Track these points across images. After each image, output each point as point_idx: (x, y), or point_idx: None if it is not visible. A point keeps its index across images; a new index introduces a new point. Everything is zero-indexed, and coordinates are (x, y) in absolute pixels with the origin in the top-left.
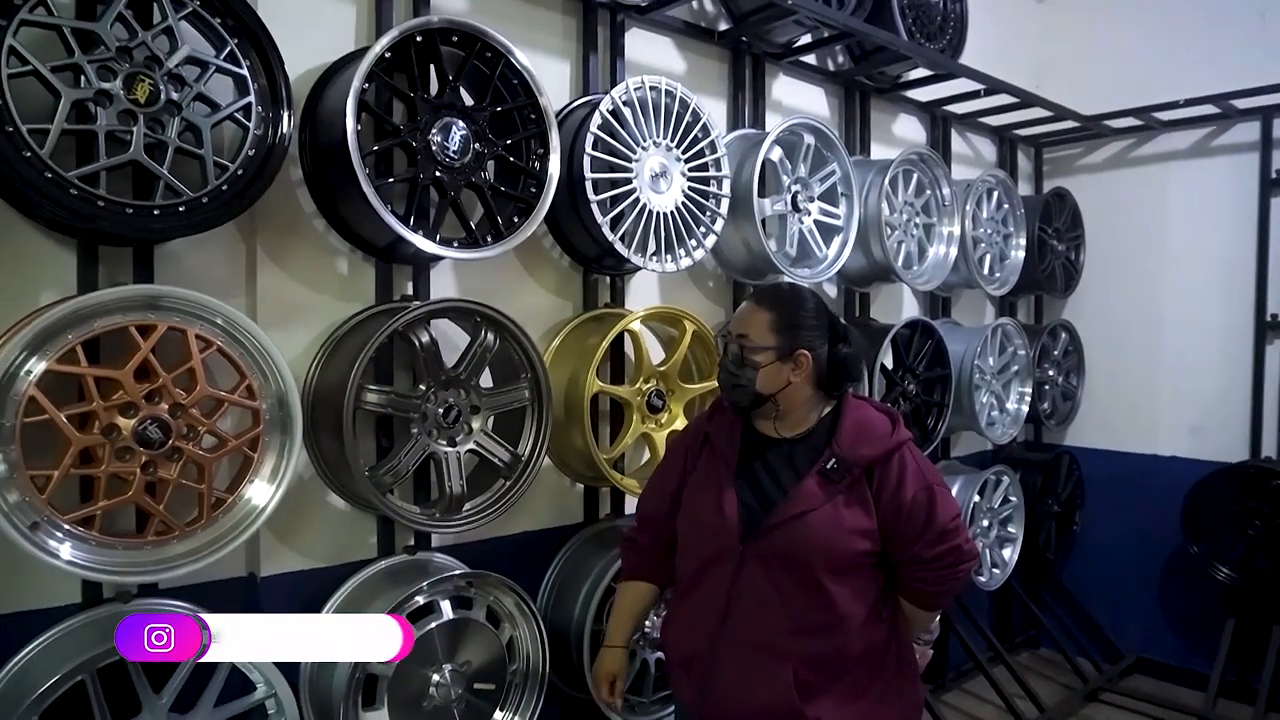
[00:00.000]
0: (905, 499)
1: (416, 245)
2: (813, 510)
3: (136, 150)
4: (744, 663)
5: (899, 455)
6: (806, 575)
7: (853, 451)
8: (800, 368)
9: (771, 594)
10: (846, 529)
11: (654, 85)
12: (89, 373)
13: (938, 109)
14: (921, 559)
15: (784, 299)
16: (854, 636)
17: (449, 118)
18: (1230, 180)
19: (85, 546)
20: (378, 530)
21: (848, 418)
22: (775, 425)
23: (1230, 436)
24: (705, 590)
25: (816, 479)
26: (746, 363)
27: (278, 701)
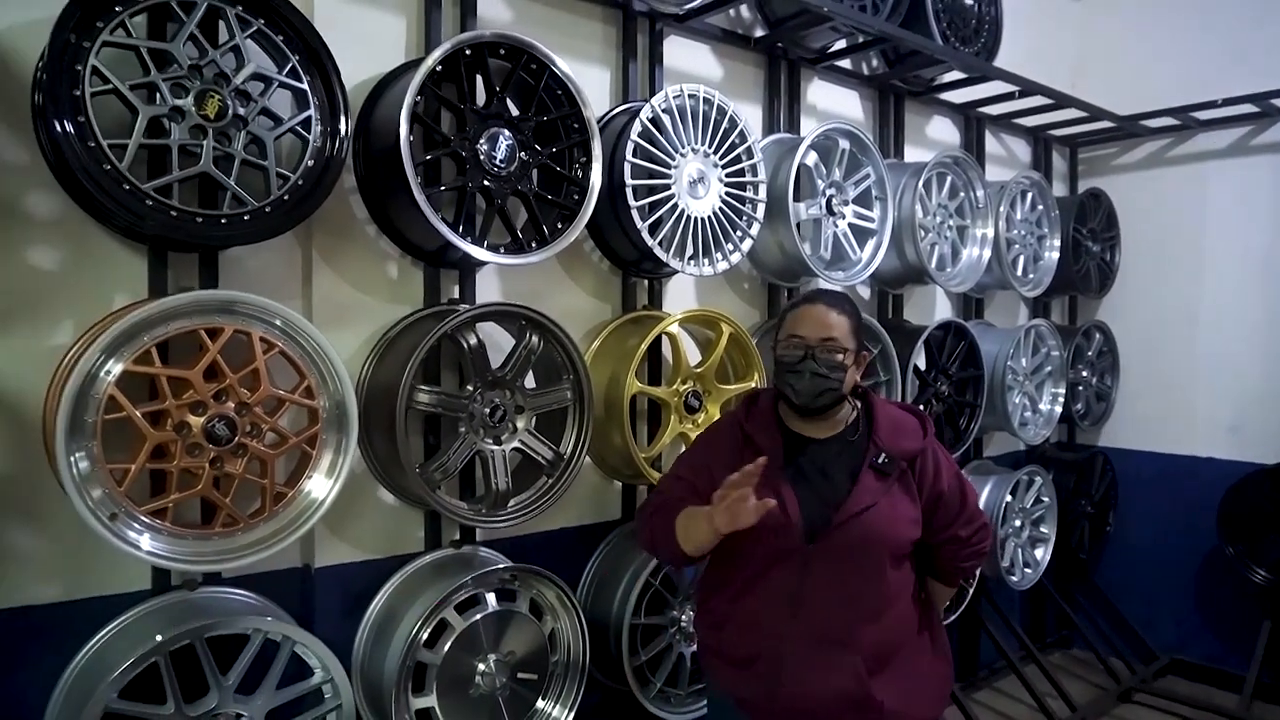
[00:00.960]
0: (944, 487)
1: (466, 251)
2: (874, 505)
3: (206, 163)
4: (816, 656)
5: (932, 448)
6: (872, 567)
7: (895, 446)
8: (860, 368)
9: (839, 588)
10: (903, 518)
11: (693, 93)
12: (163, 373)
13: (972, 110)
14: (959, 538)
15: (850, 304)
16: (903, 618)
17: (496, 128)
18: (1269, 180)
19: (160, 537)
20: (425, 525)
21: (881, 415)
22: (817, 425)
23: (1269, 437)
24: (766, 590)
25: (872, 474)
26: (837, 365)
27: (334, 686)
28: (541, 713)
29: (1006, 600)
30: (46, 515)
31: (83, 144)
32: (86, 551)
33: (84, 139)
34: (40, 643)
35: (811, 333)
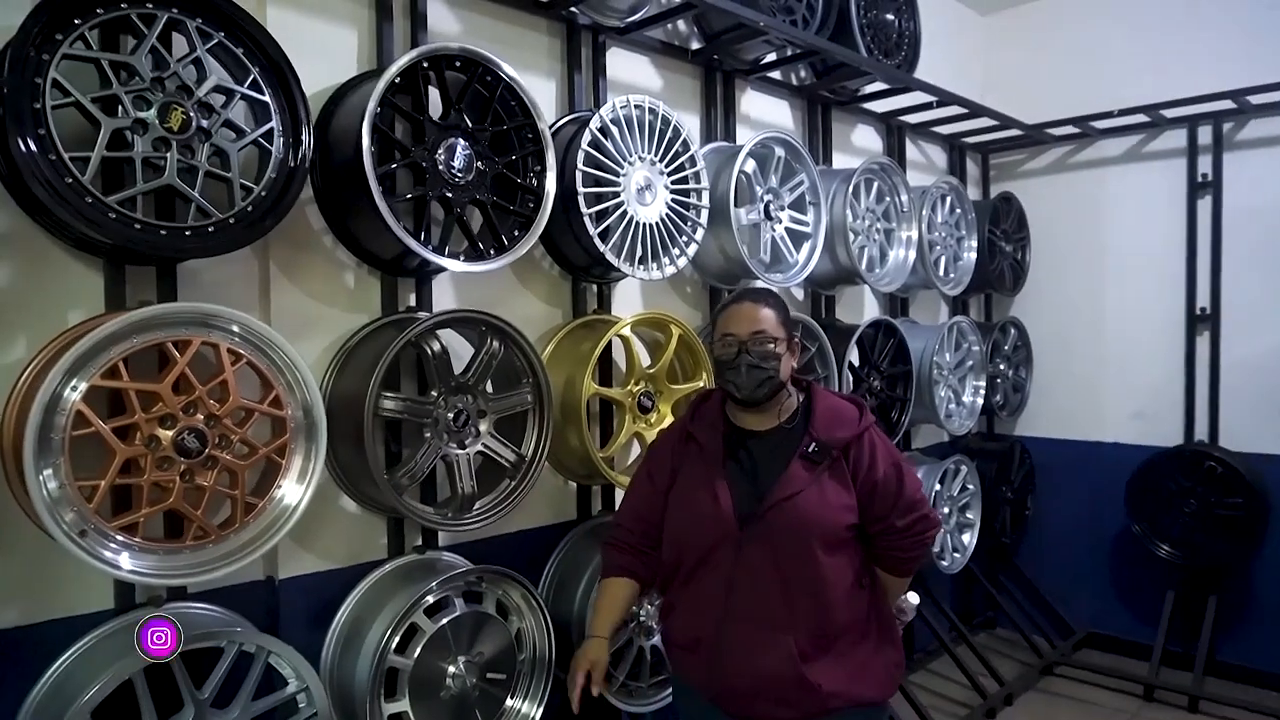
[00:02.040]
0: (878, 475)
1: (428, 259)
2: (802, 491)
3: (170, 175)
4: (749, 638)
5: (868, 436)
6: (802, 552)
7: (829, 435)
8: (793, 355)
9: (770, 573)
10: (833, 505)
11: (638, 104)
12: (132, 386)
13: (893, 119)
14: (895, 528)
15: (774, 297)
16: (842, 605)
17: (454, 138)
18: (1161, 184)
19: (132, 553)
20: (388, 531)
21: (819, 405)
22: (759, 418)
23: (1167, 422)
24: (707, 576)
25: (801, 462)
26: (770, 355)
27: (309, 695)
28: (512, 710)
29: (938, 585)
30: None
31: (44, 157)
32: (44, 572)
33: (45, 152)
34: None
35: (741, 329)
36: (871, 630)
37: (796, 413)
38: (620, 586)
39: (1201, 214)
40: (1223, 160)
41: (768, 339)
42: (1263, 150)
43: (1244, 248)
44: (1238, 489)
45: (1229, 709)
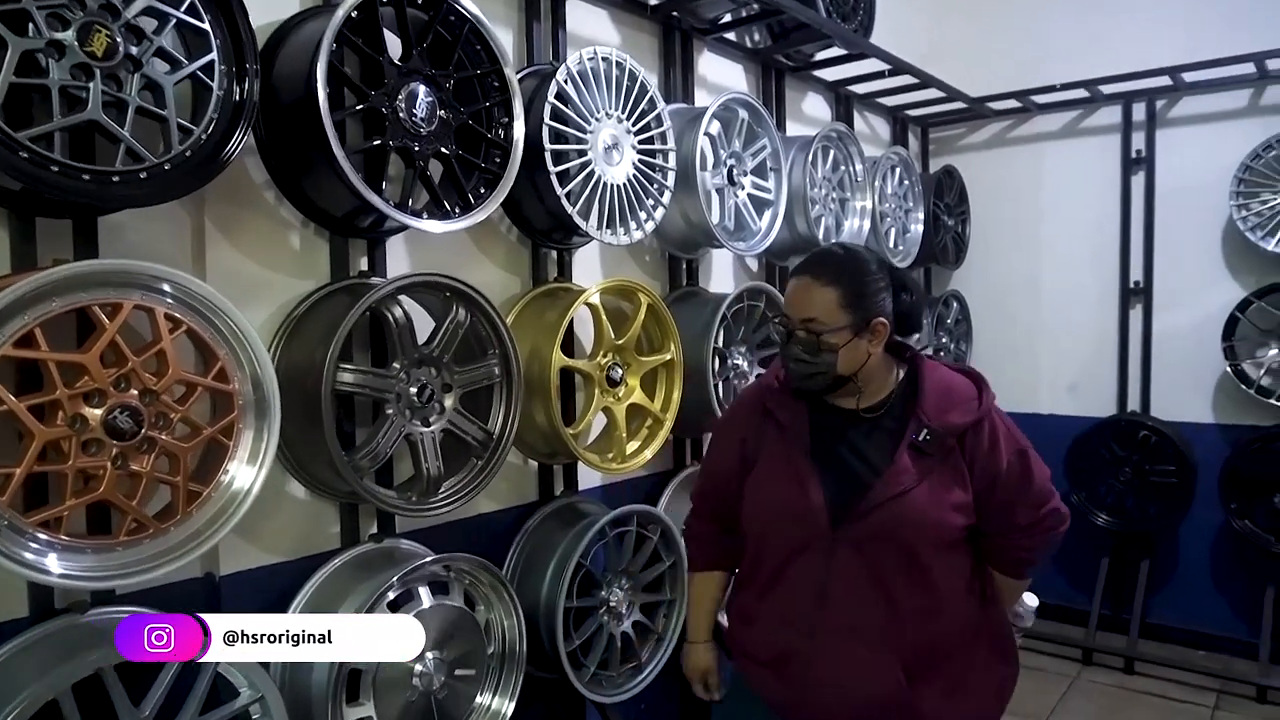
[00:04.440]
0: (1000, 467)
1: (391, 217)
2: (911, 488)
3: (94, 109)
4: (847, 655)
5: (989, 420)
6: (907, 558)
7: (942, 420)
8: (878, 337)
9: (870, 581)
10: (946, 504)
11: (605, 56)
12: (51, 357)
13: (842, 89)
14: (1019, 526)
15: (845, 268)
16: (955, 616)
17: (415, 83)
18: (1097, 160)
19: (60, 553)
20: (341, 519)
21: (928, 382)
22: (856, 401)
23: (1101, 393)
24: (792, 583)
25: (910, 453)
26: (823, 348)
27: (264, 705)
28: (482, 707)
29: None
30: None
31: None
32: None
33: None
34: None
35: (793, 311)
36: (983, 643)
37: (896, 391)
38: (709, 583)
39: (1135, 190)
40: (1156, 137)
41: (821, 328)
42: (1193, 127)
43: (1175, 223)
44: (1170, 457)
45: (1163, 668)
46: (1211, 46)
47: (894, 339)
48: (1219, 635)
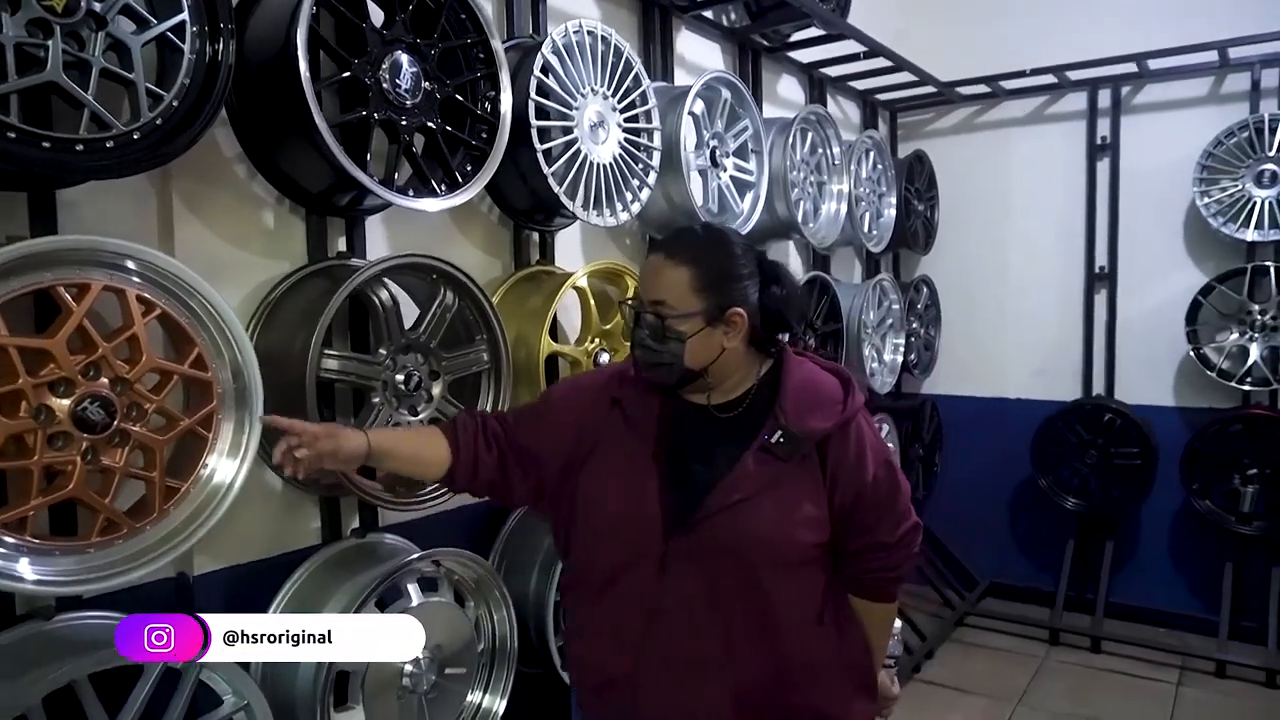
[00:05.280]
0: (867, 479)
1: (376, 194)
2: (752, 496)
3: (55, 69)
4: (675, 685)
5: (856, 426)
6: (744, 576)
7: (801, 423)
8: (735, 329)
9: (705, 601)
10: (794, 518)
11: (590, 29)
12: (12, 343)
13: (815, 71)
14: (885, 544)
15: (702, 247)
16: (802, 645)
17: (398, 52)
18: (1062, 146)
19: (33, 557)
20: (322, 514)
21: (791, 380)
22: (706, 398)
23: (1066, 378)
24: (622, 597)
25: (756, 457)
26: (669, 335)
27: (249, 712)
28: (473, 706)
29: None
30: None
31: None
32: None
33: None
34: None
35: (643, 292)
36: (837, 675)
37: (757, 387)
38: (432, 438)
39: (1101, 176)
40: (1120, 123)
41: (673, 315)
42: (1157, 114)
43: (1139, 209)
44: (1133, 439)
45: (1129, 646)
46: (1175, 34)
47: (760, 335)
48: (1179, 613)
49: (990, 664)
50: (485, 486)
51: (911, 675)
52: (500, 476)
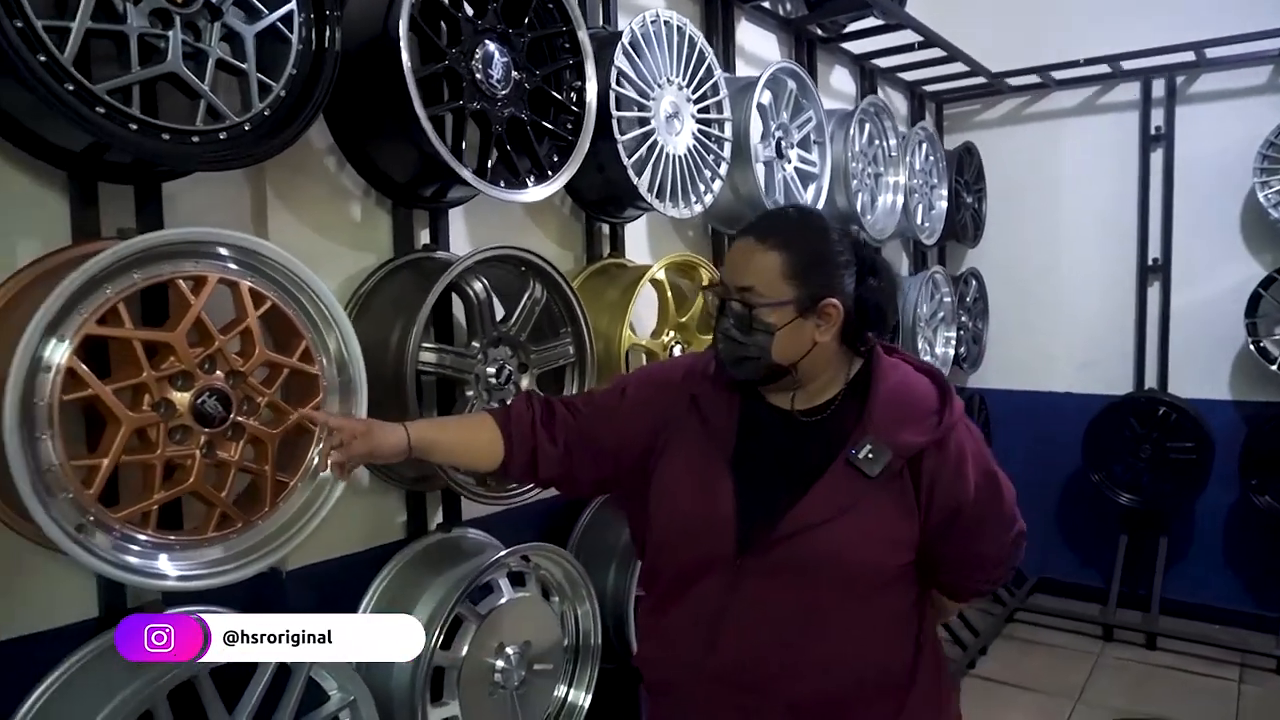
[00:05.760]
0: (967, 495)
1: (475, 186)
2: (834, 518)
3: (174, 60)
4: (730, 705)
5: (954, 440)
6: (823, 599)
7: (893, 435)
8: (829, 322)
9: (774, 621)
10: (880, 540)
11: (666, 20)
12: (137, 336)
13: (867, 62)
14: (987, 556)
15: (796, 231)
16: (875, 669)
17: (489, 42)
18: (1114, 136)
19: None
20: (407, 508)
21: (883, 385)
22: (790, 396)
23: (1116, 371)
24: (686, 607)
25: (844, 473)
26: (757, 325)
27: (355, 709)
28: (559, 700)
29: None
30: None
31: (10, 23)
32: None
33: (11, 16)
34: None
35: (729, 278)
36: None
37: (845, 391)
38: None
39: (1154, 167)
40: (1175, 113)
41: (758, 300)
42: (1213, 104)
43: (1194, 199)
44: (1189, 433)
45: (1184, 643)
46: (1232, 22)
47: (853, 330)
48: (1236, 610)
49: (1045, 661)
50: (549, 481)
51: (966, 670)
52: (565, 471)
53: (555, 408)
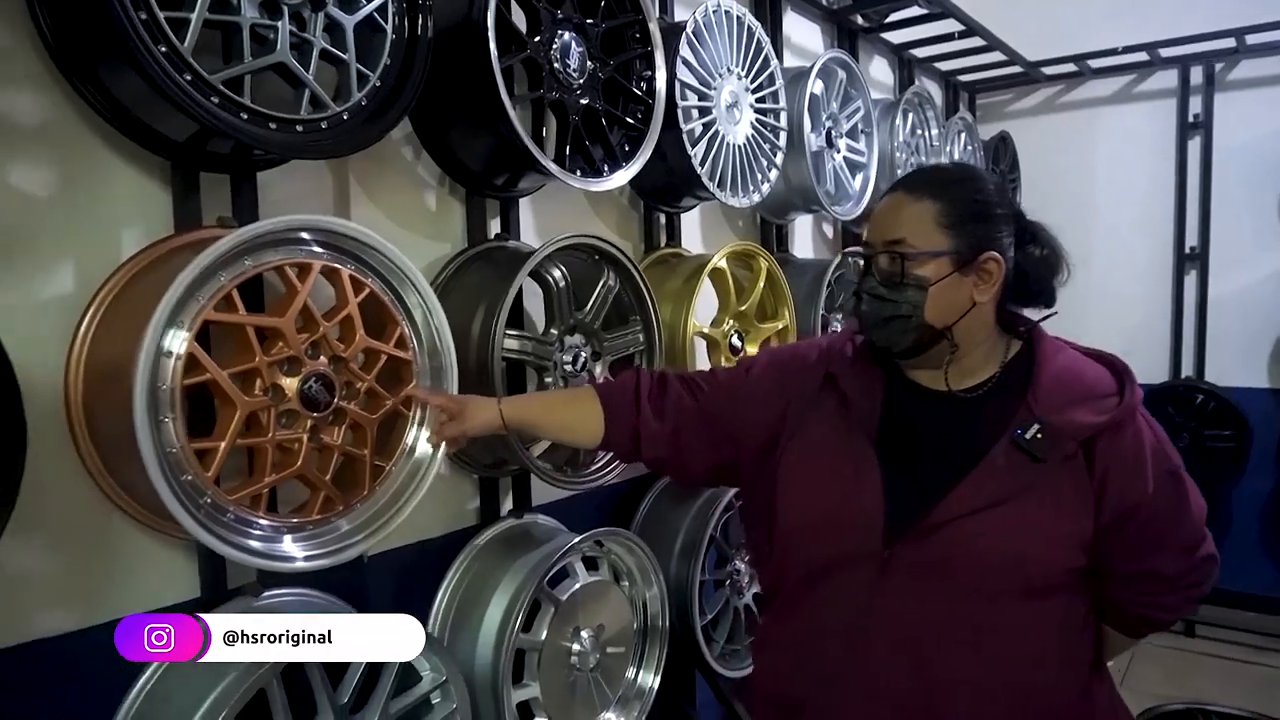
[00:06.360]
0: (1145, 492)
1: (555, 175)
2: (1001, 503)
3: (283, 50)
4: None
5: (1133, 425)
6: (979, 600)
7: (1063, 416)
8: (990, 279)
9: (926, 625)
10: (1048, 533)
11: (727, 9)
12: (250, 322)
13: (905, 52)
14: (1163, 576)
15: (951, 181)
16: (1045, 693)
17: (566, 33)
18: (1151, 124)
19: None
20: (480, 495)
21: (1048, 364)
22: (944, 373)
23: (1152, 360)
24: (821, 607)
25: (1007, 455)
26: (909, 280)
27: (446, 689)
28: (630, 682)
29: None
30: (53, 518)
31: (135, 14)
32: (104, 559)
33: (136, 6)
34: (66, 684)
35: (875, 235)
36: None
37: (1004, 372)
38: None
39: (1192, 155)
40: (1214, 101)
41: (910, 250)
42: (1253, 91)
43: (1232, 187)
44: (1228, 421)
45: (1223, 630)
46: (1274, 8)
47: (1010, 307)
48: (1275, 598)
49: None
50: (655, 463)
51: None
52: (673, 453)
53: (670, 384)
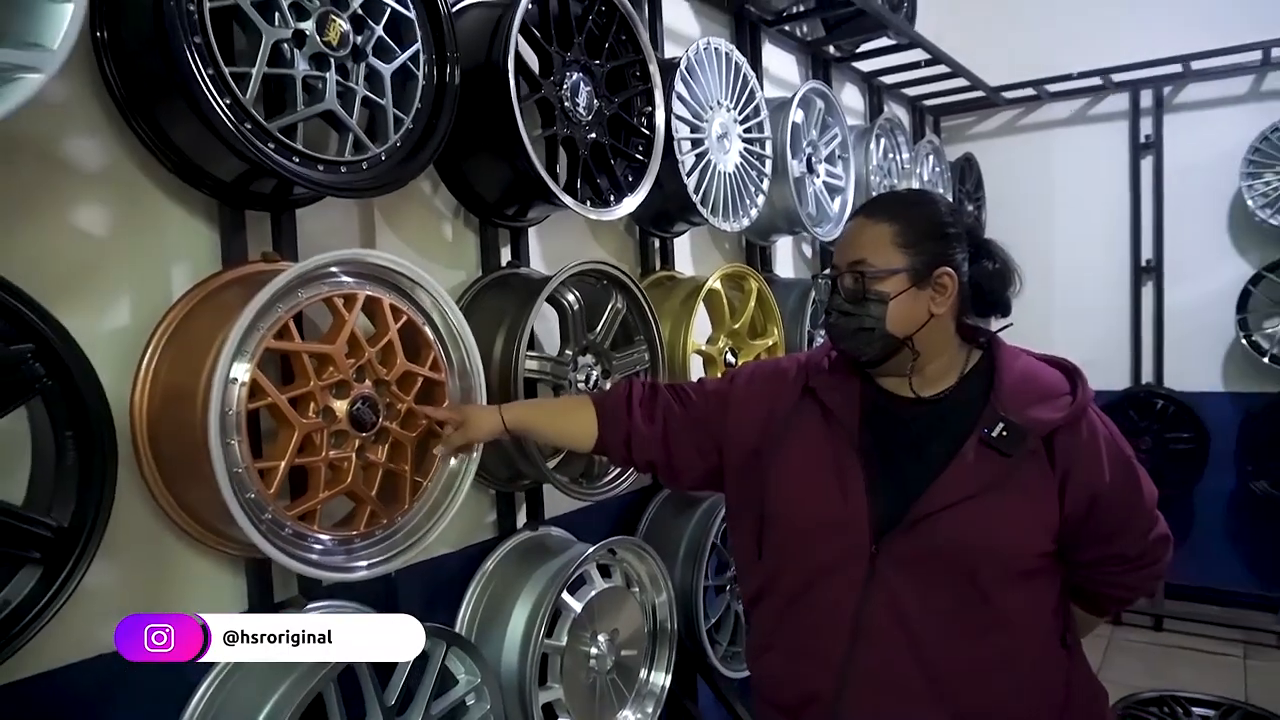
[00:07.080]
0: (1104, 481)
1: (568, 206)
2: (976, 495)
3: (330, 99)
4: (883, 707)
5: (1088, 421)
6: (966, 586)
7: (1025, 414)
8: (944, 292)
9: (918, 614)
10: (1022, 520)
11: (717, 47)
12: (305, 349)
13: (874, 79)
14: (1125, 557)
15: (906, 204)
16: (1030, 667)
17: (575, 73)
18: (1105, 144)
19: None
20: (497, 508)
21: (1008, 369)
22: (910, 381)
23: (1114, 367)
24: (819, 607)
25: (977, 452)
26: (870, 295)
27: (480, 691)
28: (644, 681)
29: None
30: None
31: (204, 69)
32: (162, 576)
33: (205, 64)
34: (126, 697)
35: (840, 257)
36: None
37: (967, 378)
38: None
39: (1144, 173)
40: (1163, 122)
41: (875, 273)
42: (1200, 112)
43: (1183, 203)
44: (1187, 424)
45: (1190, 624)
46: (1217, 36)
47: (969, 319)
48: (1237, 591)
49: None
50: (646, 466)
51: None
52: (663, 454)
53: (660, 393)
